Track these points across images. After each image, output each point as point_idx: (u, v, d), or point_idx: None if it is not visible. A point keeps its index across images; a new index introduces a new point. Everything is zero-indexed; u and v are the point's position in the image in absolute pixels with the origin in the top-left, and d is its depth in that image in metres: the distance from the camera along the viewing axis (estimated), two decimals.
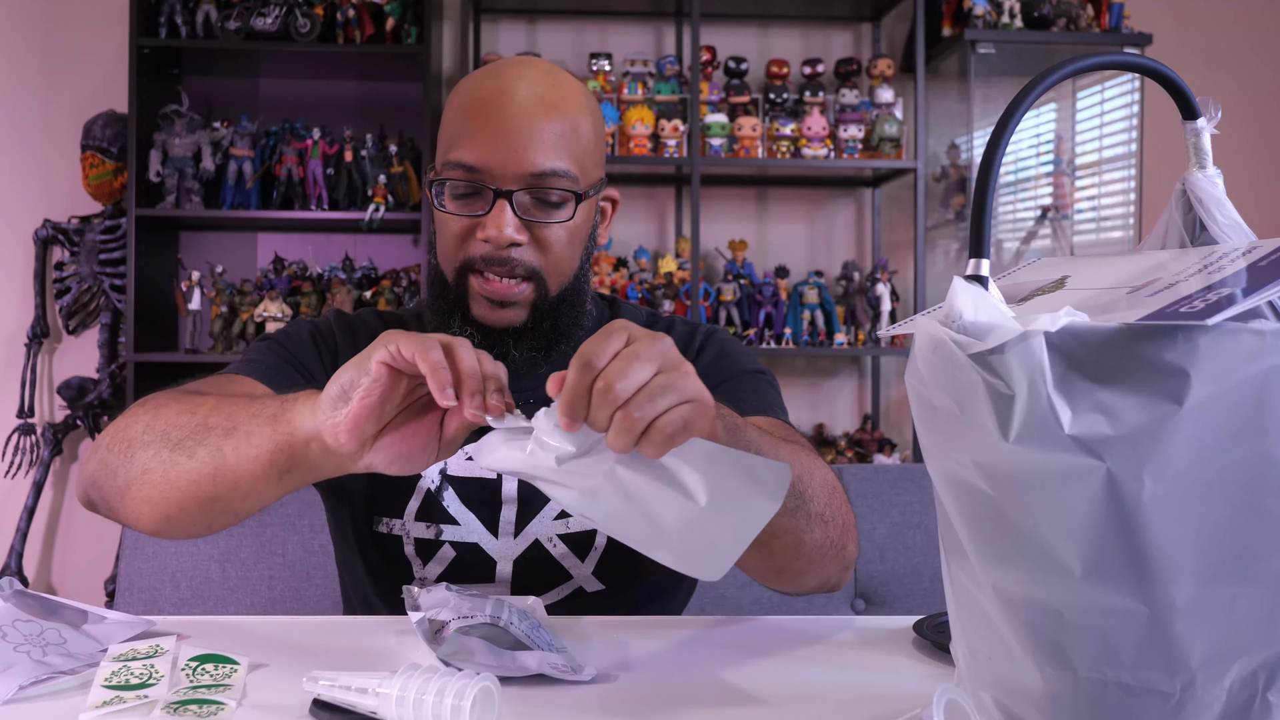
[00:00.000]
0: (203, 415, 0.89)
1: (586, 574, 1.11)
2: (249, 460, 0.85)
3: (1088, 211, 3.41)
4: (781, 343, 3.15)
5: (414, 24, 3.12)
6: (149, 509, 0.91)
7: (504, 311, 1.07)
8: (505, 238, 1.04)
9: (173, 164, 3.10)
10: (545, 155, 1.04)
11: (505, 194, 1.04)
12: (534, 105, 1.05)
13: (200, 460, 0.87)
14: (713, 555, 0.73)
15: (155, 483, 0.90)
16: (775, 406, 1.15)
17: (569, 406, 0.72)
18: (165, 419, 0.91)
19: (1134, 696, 0.53)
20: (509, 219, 1.04)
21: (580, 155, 1.07)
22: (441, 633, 0.82)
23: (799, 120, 3.17)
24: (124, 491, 0.92)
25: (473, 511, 1.10)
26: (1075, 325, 0.51)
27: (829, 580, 1.01)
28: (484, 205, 1.05)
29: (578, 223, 1.08)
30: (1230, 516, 0.51)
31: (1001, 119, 0.58)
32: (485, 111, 1.05)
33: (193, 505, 0.89)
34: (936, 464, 0.59)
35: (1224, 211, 0.62)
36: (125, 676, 0.76)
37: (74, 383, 3.21)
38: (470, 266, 1.07)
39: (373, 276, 3.24)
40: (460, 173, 1.05)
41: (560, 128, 1.06)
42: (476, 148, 1.04)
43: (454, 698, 0.66)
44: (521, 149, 1.03)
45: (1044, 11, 3.19)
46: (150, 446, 0.91)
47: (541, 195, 1.05)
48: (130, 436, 0.93)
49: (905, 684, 0.82)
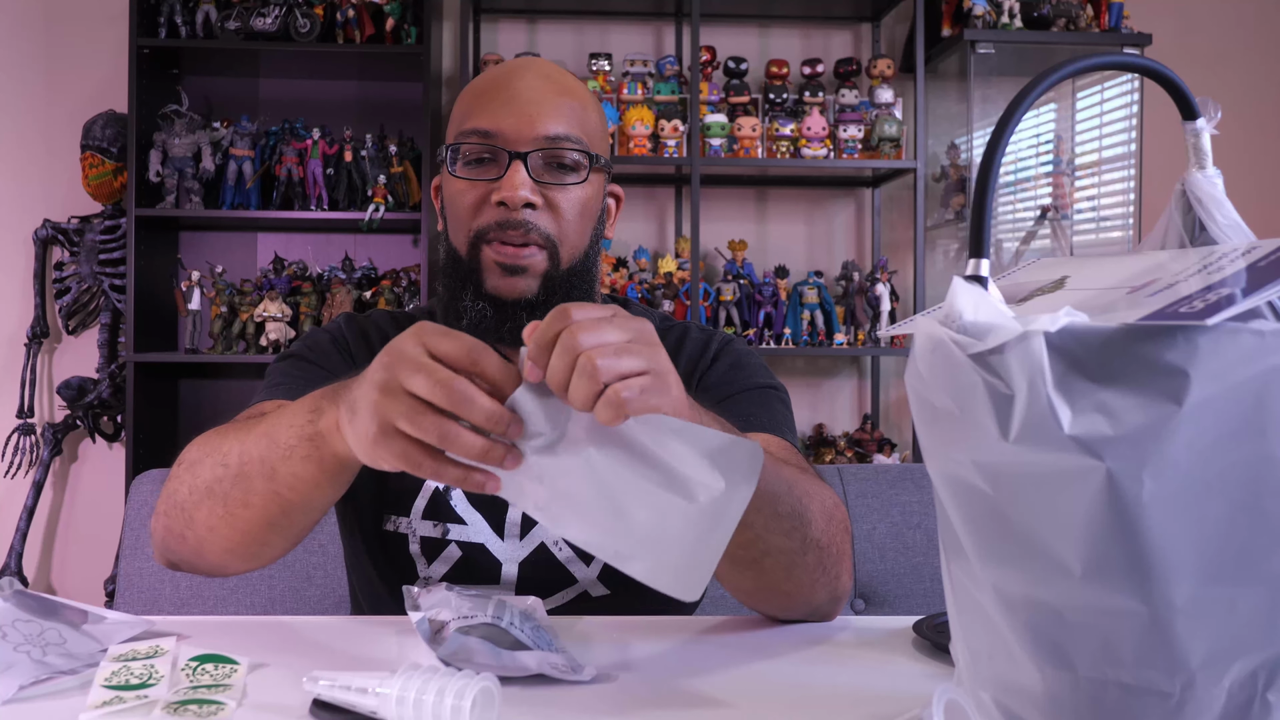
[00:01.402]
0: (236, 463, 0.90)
1: (591, 578, 1.11)
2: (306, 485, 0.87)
3: (1087, 211, 3.41)
4: (781, 343, 3.15)
5: (414, 24, 3.12)
6: (231, 558, 0.94)
7: (516, 280, 1.08)
8: (520, 197, 1.05)
9: (173, 164, 3.10)
10: (556, 122, 1.08)
11: (519, 155, 1.06)
12: (546, 83, 1.10)
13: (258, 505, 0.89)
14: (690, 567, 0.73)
15: (225, 535, 0.92)
16: (784, 426, 1.14)
17: (536, 348, 0.74)
18: (204, 476, 0.93)
19: (1134, 696, 0.53)
20: (523, 179, 1.06)
21: (589, 132, 1.11)
22: (441, 633, 0.82)
23: (799, 120, 3.17)
24: (199, 550, 0.95)
25: (480, 512, 1.10)
26: (1075, 325, 0.51)
27: (819, 609, 0.99)
28: (498, 170, 1.07)
29: (589, 193, 1.10)
30: (1230, 517, 0.51)
31: (1001, 119, 0.58)
32: (498, 88, 1.09)
33: (269, 536, 0.92)
34: (936, 464, 0.59)
35: (1224, 212, 0.63)
36: (125, 676, 0.76)
37: (74, 383, 3.21)
38: (483, 236, 1.08)
39: (373, 276, 3.24)
40: (475, 139, 1.07)
41: (571, 104, 1.10)
42: (490, 115, 1.07)
43: (454, 698, 0.66)
44: (535, 115, 1.07)
45: (1044, 11, 3.20)
46: (202, 506, 0.92)
47: (555, 158, 1.08)
48: (179, 501, 0.95)
49: (905, 684, 0.82)
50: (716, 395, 1.13)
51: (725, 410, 1.11)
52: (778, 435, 1.10)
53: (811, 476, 1.01)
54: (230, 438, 0.93)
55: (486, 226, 1.07)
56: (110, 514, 3.28)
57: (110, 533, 3.23)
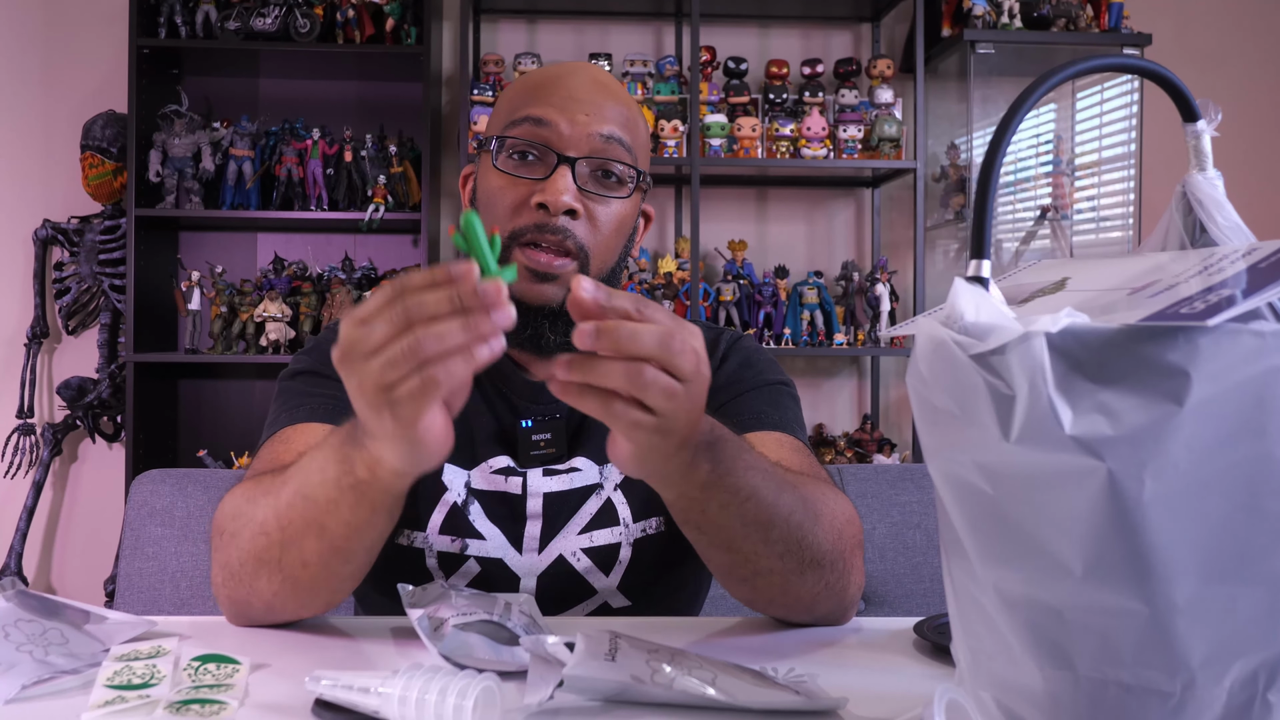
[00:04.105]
0: (277, 530, 0.88)
1: (611, 588, 1.09)
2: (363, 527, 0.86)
3: (1087, 212, 3.41)
4: (781, 343, 3.16)
5: (414, 24, 3.12)
6: (309, 609, 0.94)
7: (544, 286, 1.04)
8: (562, 203, 1.02)
9: (172, 164, 3.10)
10: (611, 124, 1.05)
11: (569, 160, 1.03)
12: (602, 85, 1.08)
13: (315, 562, 0.88)
14: None
15: (294, 594, 0.91)
16: (795, 424, 1.13)
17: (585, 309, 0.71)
18: (249, 548, 0.91)
19: (1134, 696, 0.53)
20: (568, 184, 1.03)
21: (638, 145, 1.09)
22: (441, 629, 0.82)
23: (798, 120, 3.17)
24: (271, 611, 0.94)
25: (497, 526, 1.08)
26: (1076, 326, 0.52)
27: (824, 617, 0.99)
28: (544, 170, 1.04)
29: (628, 210, 1.08)
30: (1230, 516, 0.51)
31: (1002, 121, 0.58)
32: (555, 82, 1.07)
33: (340, 580, 0.91)
34: (937, 464, 0.59)
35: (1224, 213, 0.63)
36: (127, 676, 0.76)
37: (74, 383, 3.21)
38: (518, 237, 1.04)
39: (372, 277, 3.24)
40: (528, 127, 1.04)
41: (625, 112, 1.08)
42: (547, 105, 1.05)
43: (456, 697, 0.66)
44: (592, 112, 1.05)
45: (1044, 12, 3.20)
46: (260, 576, 0.91)
47: (604, 166, 1.05)
48: (234, 572, 0.93)
49: (906, 684, 0.83)
50: (727, 394, 1.12)
51: (736, 407, 1.11)
52: (789, 434, 1.09)
53: (825, 486, 1.00)
54: (258, 505, 0.91)
55: (524, 229, 1.04)
56: (110, 514, 3.28)
57: (110, 533, 3.23)
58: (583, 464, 1.10)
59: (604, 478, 1.10)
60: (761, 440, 1.06)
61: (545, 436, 1.09)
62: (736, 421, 1.08)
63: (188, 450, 3.27)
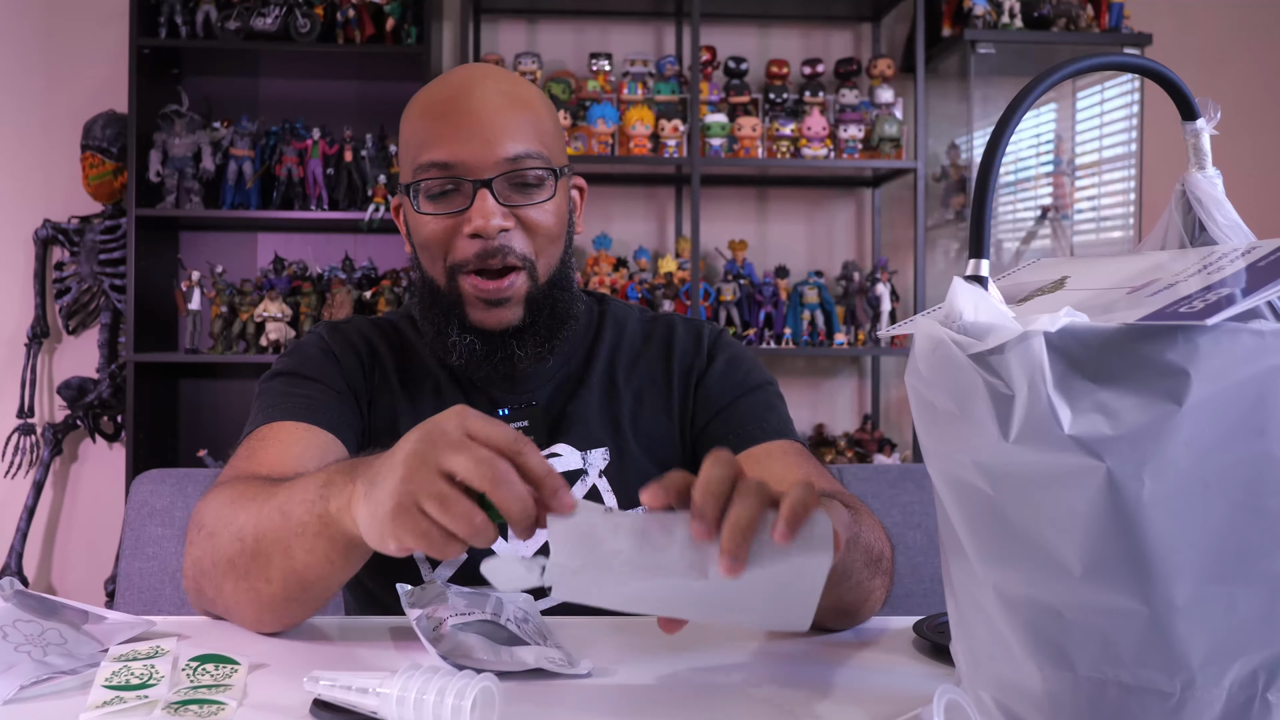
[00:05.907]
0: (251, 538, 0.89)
1: None
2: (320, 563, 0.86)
3: (1087, 211, 3.41)
4: (781, 343, 3.16)
5: (414, 24, 3.13)
6: (261, 625, 0.93)
7: (500, 311, 1.07)
8: (493, 227, 1.04)
9: (173, 164, 3.10)
10: (515, 142, 1.05)
11: (484, 183, 1.04)
12: (496, 99, 1.07)
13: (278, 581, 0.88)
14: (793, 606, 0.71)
15: (252, 607, 0.91)
16: (790, 425, 1.15)
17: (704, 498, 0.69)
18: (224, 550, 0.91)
19: (1134, 696, 0.53)
20: (492, 206, 1.04)
21: (546, 142, 1.09)
22: (439, 629, 0.82)
23: (799, 120, 3.17)
24: (230, 614, 0.94)
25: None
26: (1075, 325, 0.52)
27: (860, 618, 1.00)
28: (464, 200, 1.05)
29: (559, 203, 1.09)
30: (1230, 516, 0.51)
31: (1001, 120, 0.58)
32: (449, 112, 1.06)
33: (291, 609, 0.91)
34: (937, 464, 0.59)
35: (1223, 212, 0.63)
36: (126, 676, 0.76)
37: (74, 383, 3.21)
38: (461, 268, 1.07)
39: (373, 276, 3.24)
40: (435, 172, 1.05)
41: (525, 116, 1.07)
42: (446, 144, 1.05)
43: (455, 697, 0.66)
44: (492, 138, 1.05)
45: (1044, 11, 3.20)
46: (228, 579, 0.91)
47: (519, 179, 1.06)
48: (205, 569, 0.93)
49: (905, 684, 0.82)
50: (720, 401, 1.14)
51: (736, 414, 1.13)
52: (789, 439, 1.12)
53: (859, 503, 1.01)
54: (243, 509, 0.91)
55: (465, 260, 1.06)
56: (110, 514, 3.28)
57: (110, 533, 3.23)
58: (564, 450, 1.11)
59: (587, 464, 1.11)
60: (769, 452, 1.09)
61: (523, 424, 1.11)
62: (740, 430, 1.11)
63: (188, 450, 3.27)
